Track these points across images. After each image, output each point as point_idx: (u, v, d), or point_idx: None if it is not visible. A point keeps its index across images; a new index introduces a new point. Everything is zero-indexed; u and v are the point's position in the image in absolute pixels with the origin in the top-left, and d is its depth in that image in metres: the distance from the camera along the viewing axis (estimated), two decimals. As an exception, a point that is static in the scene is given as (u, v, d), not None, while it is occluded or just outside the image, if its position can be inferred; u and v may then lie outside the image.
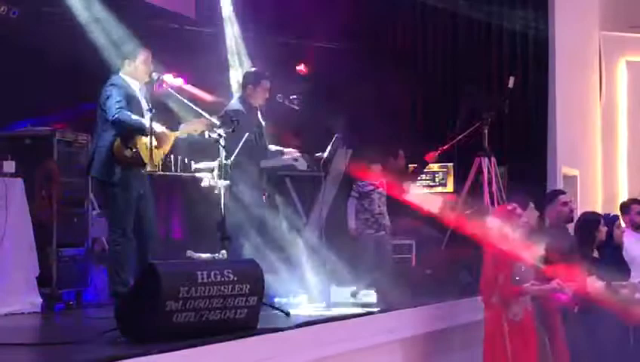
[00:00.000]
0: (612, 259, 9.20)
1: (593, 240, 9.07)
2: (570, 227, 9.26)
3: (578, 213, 10.40)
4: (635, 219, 10.32)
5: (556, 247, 8.03)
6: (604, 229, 9.27)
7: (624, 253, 9.75)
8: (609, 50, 15.48)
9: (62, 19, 9.81)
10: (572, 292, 7.87)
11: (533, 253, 7.70)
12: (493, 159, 11.03)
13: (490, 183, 10.99)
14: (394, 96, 12.79)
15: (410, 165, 11.49)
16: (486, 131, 10.99)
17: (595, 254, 9.02)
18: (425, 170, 12.07)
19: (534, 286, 7.66)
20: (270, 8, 12.45)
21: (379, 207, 10.28)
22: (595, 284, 8.31)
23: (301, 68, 12.07)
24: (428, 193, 12.05)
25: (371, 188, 10.26)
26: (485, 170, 10.97)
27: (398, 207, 10.63)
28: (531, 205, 8.64)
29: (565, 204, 8.92)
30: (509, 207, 7.96)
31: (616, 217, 9.86)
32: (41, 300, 8.18)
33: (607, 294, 7.96)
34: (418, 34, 12.99)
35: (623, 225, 9.88)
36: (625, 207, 10.52)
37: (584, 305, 8.40)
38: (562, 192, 9.28)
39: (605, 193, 14.58)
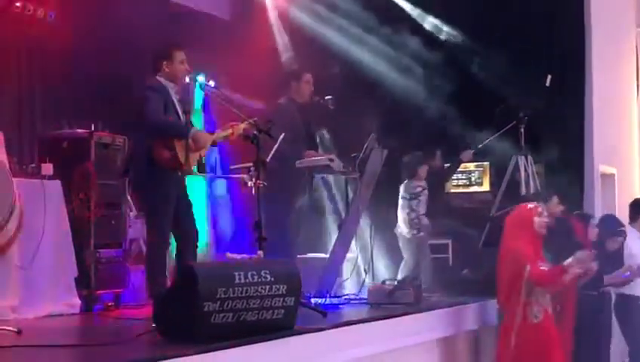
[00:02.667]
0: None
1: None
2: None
3: (618, 212, 10.36)
4: None
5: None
6: (594, 231, 9.30)
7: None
8: (645, 46, 15.37)
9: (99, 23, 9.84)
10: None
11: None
12: (529, 158, 10.97)
13: (527, 182, 10.94)
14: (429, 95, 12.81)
15: (445, 165, 11.45)
16: (522, 130, 10.93)
17: None
18: (461, 170, 12.02)
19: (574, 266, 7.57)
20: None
21: (423, 208, 10.25)
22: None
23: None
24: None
25: (420, 189, 10.22)
26: (522, 169, 10.91)
27: (434, 207, 10.61)
28: (555, 199, 8.61)
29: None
30: (531, 205, 7.98)
31: (590, 216, 9.83)
32: (80, 301, 8.24)
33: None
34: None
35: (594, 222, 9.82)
36: None
37: None
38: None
39: (644, 191, 14.47)
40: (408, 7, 12.91)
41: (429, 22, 12.90)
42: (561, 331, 8.09)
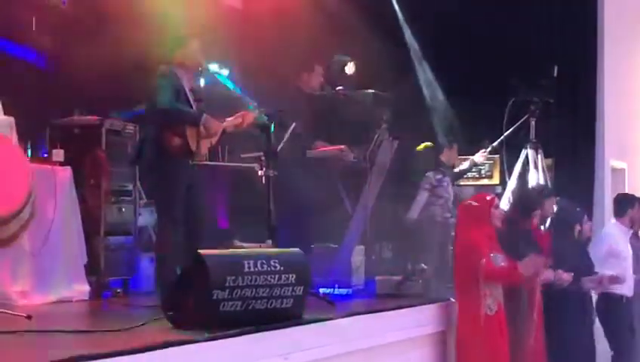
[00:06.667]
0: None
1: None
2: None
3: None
4: (636, 217, 10.19)
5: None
6: (588, 225, 9.25)
7: (602, 246, 9.87)
8: (659, 38, 15.29)
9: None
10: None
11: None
12: (540, 151, 10.96)
13: (536, 176, 10.91)
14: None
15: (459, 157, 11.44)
16: (533, 123, 10.91)
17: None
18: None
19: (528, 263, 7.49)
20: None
21: (448, 193, 10.30)
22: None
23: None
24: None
25: (440, 176, 10.24)
26: (532, 163, 10.90)
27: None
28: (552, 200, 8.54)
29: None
30: (488, 197, 7.89)
31: (583, 213, 9.66)
32: (89, 288, 8.26)
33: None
34: (461, 26, 12.88)
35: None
36: (630, 201, 10.35)
37: None
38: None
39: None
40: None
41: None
42: (529, 329, 8.03)
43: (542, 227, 8.91)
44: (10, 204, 6.54)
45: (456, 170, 10.85)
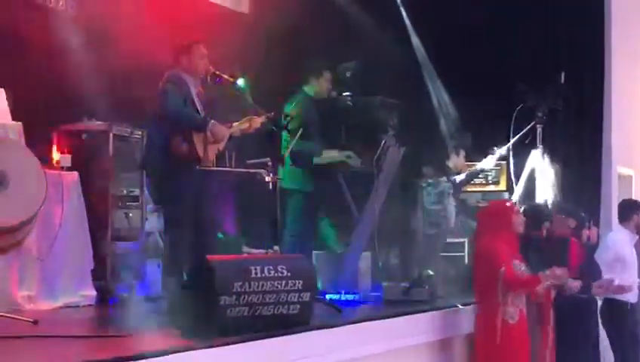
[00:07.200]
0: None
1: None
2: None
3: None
4: None
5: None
6: (595, 230, 9.28)
7: (607, 251, 9.85)
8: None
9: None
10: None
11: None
12: (546, 158, 10.95)
13: (543, 183, 10.91)
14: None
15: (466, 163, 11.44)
16: (540, 129, 10.91)
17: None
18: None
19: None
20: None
21: None
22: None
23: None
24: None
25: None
26: (539, 169, 10.89)
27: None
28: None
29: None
30: (508, 203, 7.96)
31: (588, 218, 9.69)
32: (96, 293, 8.27)
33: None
34: (468, 31, 12.87)
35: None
36: (635, 207, 10.33)
37: None
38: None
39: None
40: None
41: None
42: (542, 334, 8.04)
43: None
44: (23, 214, 6.55)
45: (457, 179, 10.86)
